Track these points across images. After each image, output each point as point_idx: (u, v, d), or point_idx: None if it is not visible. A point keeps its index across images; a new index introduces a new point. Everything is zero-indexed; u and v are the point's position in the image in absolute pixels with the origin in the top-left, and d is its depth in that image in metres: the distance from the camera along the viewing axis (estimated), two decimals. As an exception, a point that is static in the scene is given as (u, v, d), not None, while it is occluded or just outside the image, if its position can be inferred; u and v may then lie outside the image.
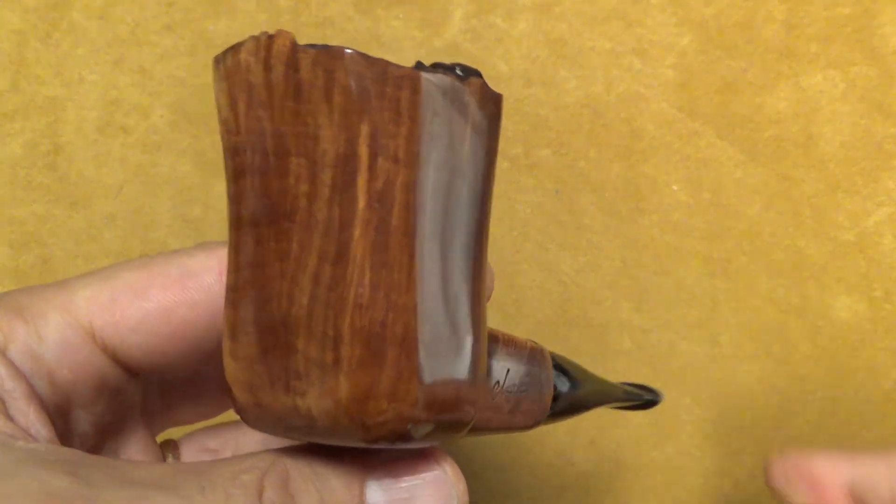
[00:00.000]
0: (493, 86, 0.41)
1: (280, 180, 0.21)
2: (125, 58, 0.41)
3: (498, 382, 0.25)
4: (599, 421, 0.40)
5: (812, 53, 0.40)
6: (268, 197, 0.21)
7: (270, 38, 0.20)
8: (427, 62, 0.23)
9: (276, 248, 0.21)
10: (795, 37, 0.41)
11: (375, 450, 0.23)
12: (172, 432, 0.29)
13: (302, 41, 0.21)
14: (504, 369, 0.25)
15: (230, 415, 0.26)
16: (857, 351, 0.40)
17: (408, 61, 0.40)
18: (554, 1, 0.41)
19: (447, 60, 0.42)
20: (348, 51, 0.20)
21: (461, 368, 0.22)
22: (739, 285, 0.40)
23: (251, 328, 0.21)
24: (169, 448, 0.28)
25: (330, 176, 0.20)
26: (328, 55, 0.20)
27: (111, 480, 0.18)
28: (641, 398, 0.32)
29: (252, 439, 0.29)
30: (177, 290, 0.24)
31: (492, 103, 0.22)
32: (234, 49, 0.21)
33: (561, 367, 0.28)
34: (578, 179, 0.40)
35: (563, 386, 0.28)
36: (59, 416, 0.23)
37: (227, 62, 0.21)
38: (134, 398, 0.27)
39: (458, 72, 0.22)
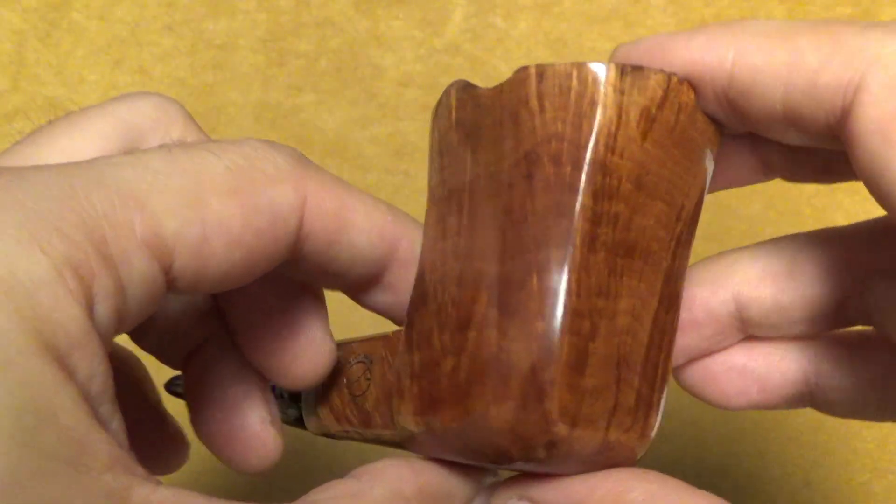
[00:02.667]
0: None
1: (643, 218, 0.20)
2: (125, 58, 0.41)
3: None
4: (599, 421, 0.40)
5: (812, 53, 0.40)
6: (628, 230, 0.20)
7: (681, 83, 0.20)
8: (427, 62, 0.23)
9: (628, 284, 0.20)
10: (795, 37, 0.41)
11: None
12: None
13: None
14: None
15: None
16: (857, 351, 0.40)
17: (408, 61, 0.41)
18: (554, 1, 0.41)
19: (448, 60, 0.42)
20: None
21: None
22: (739, 285, 0.40)
23: (595, 360, 0.20)
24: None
25: (679, 229, 0.21)
26: (717, 126, 0.21)
27: None
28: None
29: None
30: (269, 238, 0.20)
31: None
32: (639, 71, 0.20)
33: None
34: (578, 179, 0.40)
35: None
36: None
37: (628, 80, 0.20)
38: None
39: None
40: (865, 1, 0.40)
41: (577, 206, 0.20)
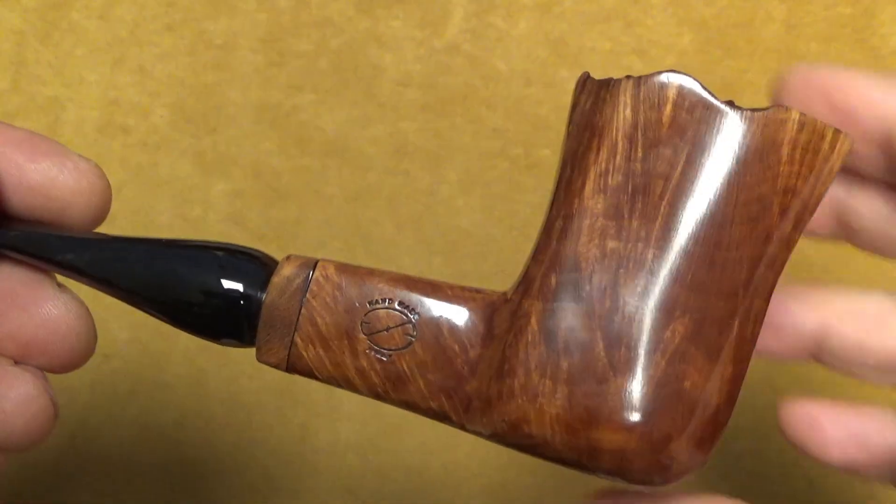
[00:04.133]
0: (493, 86, 0.41)
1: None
2: (125, 58, 0.41)
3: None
4: (599, 421, 0.40)
5: (812, 53, 0.40)
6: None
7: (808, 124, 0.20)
8: (427, 62, 0.23)
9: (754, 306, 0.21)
10: (795, 37, 0.41)
11: None
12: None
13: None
14: None
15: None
16: (857, 351, 0.40)
17: (408, 61, 0.41)
18: (554, 1, 0.41)
19: (448, 60, 0.42)
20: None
21: None
22: (739, 285, 0.40)
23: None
24: None
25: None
26: None
27: None
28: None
29: None
30: None
31: None
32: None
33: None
34: (578, 179, 0.40)
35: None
36: None
37: (851, 154, 0.21)
38: None
39: None
40: (865, 1, 0.40)
41: (786, 264, 0.20)
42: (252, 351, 0.23)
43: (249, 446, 0.39)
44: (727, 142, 0.20)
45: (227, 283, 0.22)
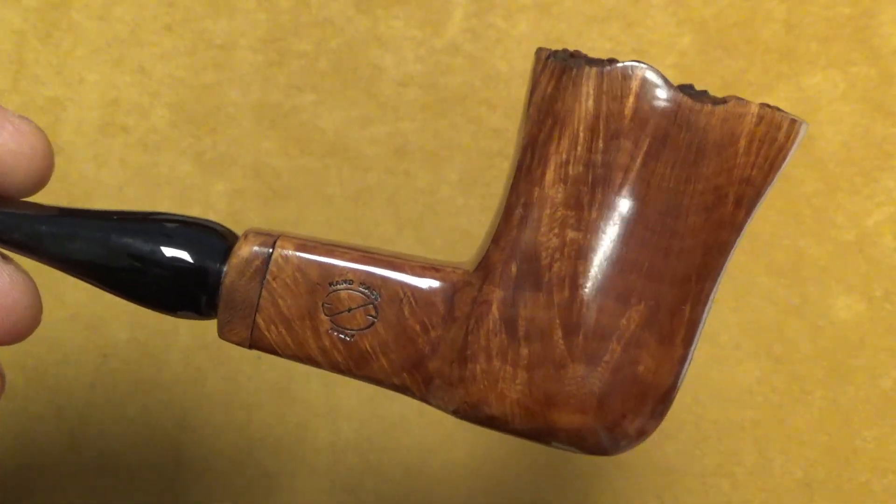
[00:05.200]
0: (493, 86, 0.41)
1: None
2: (125, 58, 0.41)
3: None
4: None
5: (812, 53, 0.40)
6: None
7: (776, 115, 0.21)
8: (427, 62, 0.23)
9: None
10: (795, 37, 0.41)
11: None
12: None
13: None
14: None
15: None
16: (857, 351, 0.40)
17: (408, 61, 0.41)
18: (554, 1, 0.41)
19: (448, 60, 0.42)
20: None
21: None
22: (739, 285, 0.40)
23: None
24: None
25: None
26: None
27: None
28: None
29: None
30: None
31: None
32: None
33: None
34: (578, 179, 0.40)
35: None
36: None
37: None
38: None
39: None
40: (865, 1, 0.40)
41: (735, 246, 0.21)
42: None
43: (249, 446, 0.39)
44: (687, 135, 0.20)
45: (171, 252, 0.21)
